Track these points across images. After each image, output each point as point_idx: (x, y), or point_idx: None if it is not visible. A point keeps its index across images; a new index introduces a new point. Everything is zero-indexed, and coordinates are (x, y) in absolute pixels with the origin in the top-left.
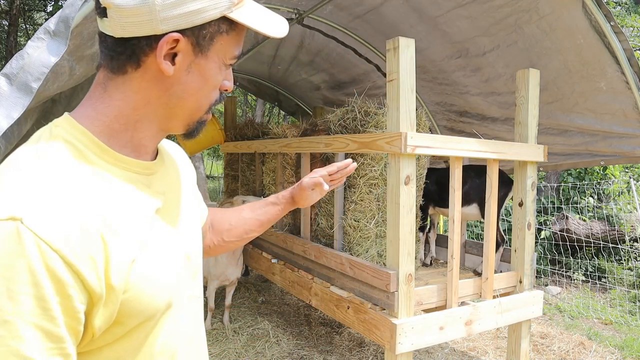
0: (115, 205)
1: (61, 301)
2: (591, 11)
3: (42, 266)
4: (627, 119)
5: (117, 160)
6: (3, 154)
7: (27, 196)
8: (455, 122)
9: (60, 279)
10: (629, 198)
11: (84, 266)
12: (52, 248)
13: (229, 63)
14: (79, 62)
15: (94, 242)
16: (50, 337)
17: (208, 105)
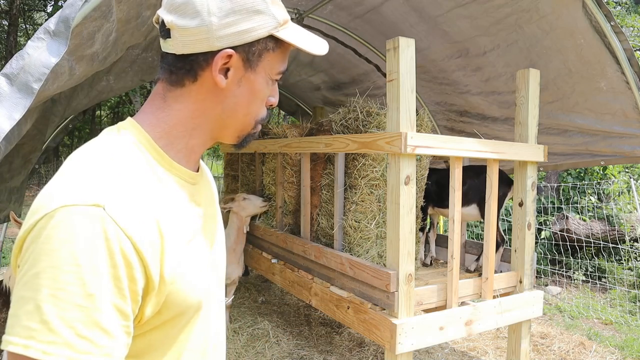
0: (169, 206)
1: (129, 283)
2: (591, 11)
3: (118, 249)
4: (627, 119)
5: (171, 166)
6: (3, 154)
7: (108, 189)
8: (456, 122)
9: (130, 262)
10: (629, 198)
11: (148, 254)
12: (126, 234)
13: (275, 78)
14: (79, 62)
15: (155, 233)
16: (122, 315)
17: (255, 119)
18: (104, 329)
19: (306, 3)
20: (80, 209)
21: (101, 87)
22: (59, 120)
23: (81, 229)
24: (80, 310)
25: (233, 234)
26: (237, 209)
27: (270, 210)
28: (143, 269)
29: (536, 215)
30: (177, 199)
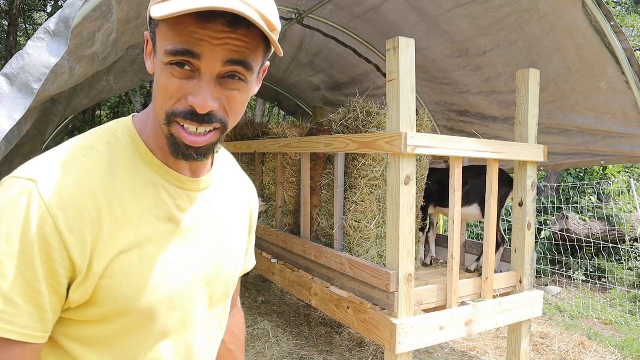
0: (127, 197)
1: (44, 259)
2: (591, 11)
3: (36, 222)
4: (627, 118)
5: (151, 161)
6: (3, 154)
7: (50, 168)
8: (456, 121)
9: (47, 240)
10: (629, 198)
11: (71, 238)
12: (50, 212)
13: (164, 60)
14: (79, 62)
15: (90, 223)
16: (28, 287)
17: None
18: (4, 295)
19: (306, 3)
20: (18, 181)
21: (101, 87)
22: (59, 120)
23: (9, 196)
24: None
25: None
26: None
27: (270, 210)
28: (65, 252)
29: (536, 215)
30: (143, 193)
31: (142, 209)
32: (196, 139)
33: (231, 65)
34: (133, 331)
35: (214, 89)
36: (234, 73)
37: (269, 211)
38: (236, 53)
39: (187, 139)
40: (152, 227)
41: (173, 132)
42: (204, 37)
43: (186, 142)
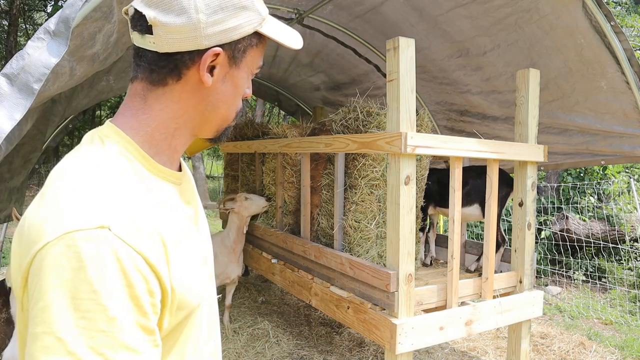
0: (164, 213)
1: (149, 299)
2: (591, 11)
3: (132, 267)
4: (627, 118)
5: (159, 170)
6: (4, 154)
7: (108, 208)
8: (456, 121)
9: (146, 278)
10: (629, 198)
11: (160, 266)
12: (137, 251)
13: (255, 72)
14: (80, 63)
15: (159, 244)
16: (146, 330)
17: (235, 112)
18: (131, 349)
19: (306, 3)
20: (85, 234)
21: (101, 87)
22: (59, 120)
23: (90, 254)
24: (106, 336)
25: (233, 233)
26: (239, 209)
27: (270, 210)
28: (158, 282)
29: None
30: (168, 204)
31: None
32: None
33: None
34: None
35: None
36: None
37: (269, 211)
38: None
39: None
40: (181, 231)
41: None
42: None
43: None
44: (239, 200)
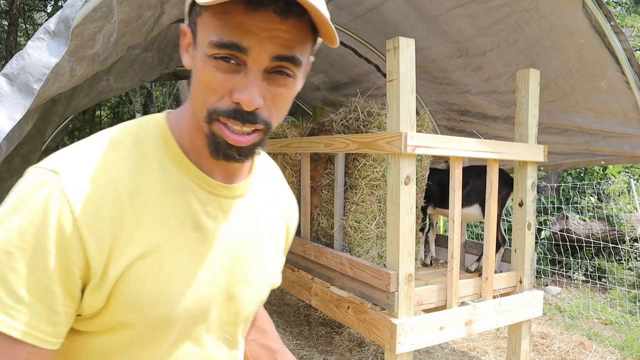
0: (152, 198)
1: (60, 256)
2: (591, 11)
3: (55, 219)
4: (627, 118)
5: (181, 162)
6: (4, 154)
7: (75, 160)
8: (456, 121)
9: (65, 237)
10: (629, 198)
11: (90, 237)
12: (70, 207)
13: (207, 52)
14: (80, 63)
15: (111, 222)
16: (40, 284)
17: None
18: (11, 289)
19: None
20: (40, 171)
21: (101, 87)
22: (59, 120)
23: (29, 186)
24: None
25: None
26: None
27: None
28: (81, 251)
29: (536, 215)
30: (170, 196)
31: (166, 213)
32: (240, 138)
33: (279, 60)
34: (145, 343)
35: (261, 84)
36: (281, 69)
37: None
38: (285, 48)
39: (231, 137)
40: (176, 233)
41: (215, 130)
42: (251, 28)
43: (229, 141)
44: None
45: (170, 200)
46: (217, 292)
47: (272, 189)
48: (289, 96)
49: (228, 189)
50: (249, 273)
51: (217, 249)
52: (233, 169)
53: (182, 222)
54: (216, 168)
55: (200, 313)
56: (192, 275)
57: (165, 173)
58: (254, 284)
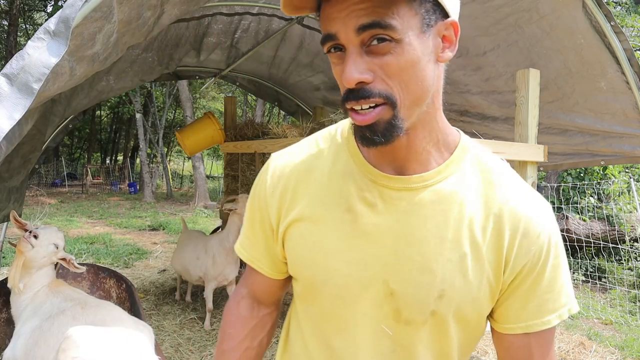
0: (320, 179)
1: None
2: (591, 11)
3: (260, 182)
4: (627, 118)
5: (354, 153)
6: (4, 154)
7: (285, 150)
8: (456, 121)
9: (260, 195)
10: (629, 198)
11: (270, 198)
12: (267, 177)
13: (325, 52)
14: (80, 63)
15: (284, 191)
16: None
17: (343, 105)
18: (244, 227)
19: None
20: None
21: (101, 87)
22: (59, 120)
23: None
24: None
25: (233, 234)
26: (241, 210)
27: None
28: (266, 207)
29: None
30: (336, 182)
31: (327, 192)
32: (362, 117)
33: (364, 30)
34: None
35: (361, 60)
36: (377, 37)
37: None
38: (365, 17)
39: (356, 118)
40: (328, 210)
41: (350, 118)
42: (334, 14)
43: (357, 123)
44: (240, 201)
45: (332, 182)
46: (371, 281)
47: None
48: (401, 62)
49: (392, 179)
50: (412, 274)
51: (370, 235)
52: (400, 159)
53: (336, 202)
54: (383, 159)
55: (346, 292)
56: (335, 251)
57: (337, 160)
58: (419, 288)
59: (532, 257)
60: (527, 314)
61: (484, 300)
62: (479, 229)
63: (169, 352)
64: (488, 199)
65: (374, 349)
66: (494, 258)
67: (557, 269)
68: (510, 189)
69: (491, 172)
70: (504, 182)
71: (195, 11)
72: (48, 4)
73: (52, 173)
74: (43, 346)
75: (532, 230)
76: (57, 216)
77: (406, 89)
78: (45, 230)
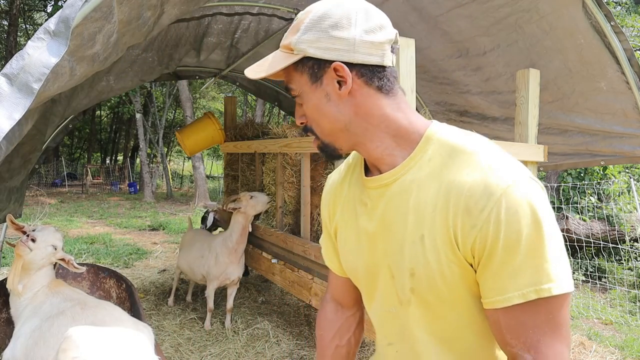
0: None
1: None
2: (591, 11)
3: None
4: (627, 118)
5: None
6: (4, 154)
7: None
8: (456, 121)
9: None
10: (629, 198)
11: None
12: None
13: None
14: (80, 63)
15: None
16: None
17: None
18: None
19: (306, 3)
20: None
21: (101, 87)
22: (59, 120)
23: None
24: None
25: (236, 234)
26: (245, 209)
27: (270, 210)
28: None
29: None
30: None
31: (346, 200)
32: (313, 144)
33: (289, 91)
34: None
35: (299, 108)
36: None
37: (269, 211)
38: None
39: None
40: (347, 215)
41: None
42: None
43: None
44: (244, 200)
45: (349, 191)
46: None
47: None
48: (308, 108)
49: (371, 180)
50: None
51: (368, 231)
52: (374, 164)
53: (351, 208)
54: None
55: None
56: (353, 247)
57: (354, 172)
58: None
59: (479, 233)
60: (492, 290)
61: (455, 277)
62: (431, 210)
63: (169, 352)
64: (441, 179)
65: (390, 329)
66: (445, 236)
67: (515, 245)
68: (464, 165)
69: (453, 152)
70: (461, 160)
71: (195, 11)
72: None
73: (52, 173)
74: (43, 346)
75: (473, 206)
76: (57, 216)
77: (318, 125)
78: (43, 232)
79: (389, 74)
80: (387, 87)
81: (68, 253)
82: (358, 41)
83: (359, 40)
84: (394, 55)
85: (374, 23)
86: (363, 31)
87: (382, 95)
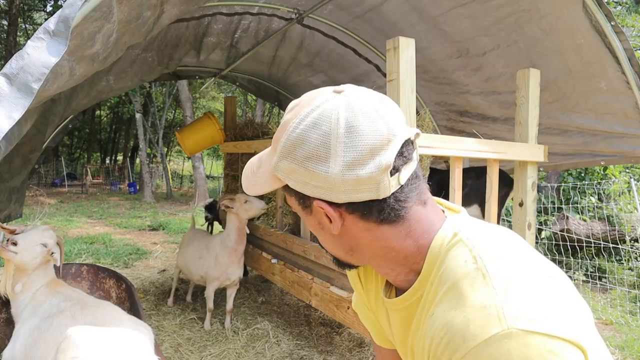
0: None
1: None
2: (592, 11)
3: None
4: (627, 118)
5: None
6: (3, 154)
7: None
8: (456, 122)
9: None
10: (629, 198)
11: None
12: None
13: None
14: (79, 63)
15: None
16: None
17: None
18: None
19: (306, 3)
20: None
21: (101, 87)
22: (58, 120)
23: None
24: None
25: (233, 234)
26: (237, 211)
27: (270, 210)
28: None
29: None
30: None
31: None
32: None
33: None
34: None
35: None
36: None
37: (269, 211)
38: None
39: None
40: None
41: None
42: None
43: None
44: (238, 202)
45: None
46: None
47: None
48: (309, 226)
49: (387, 302)
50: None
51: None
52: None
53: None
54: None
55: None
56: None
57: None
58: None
59: None
60: None
61: None
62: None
63: (168, 352)
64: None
65: None
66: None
67: None
68: (443, 307)
69: (444, 286)
70: (446, 298)
71: (195, 11)
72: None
73: (52, 173)
74: (42, 346)
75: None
76: (57, 216)
77: (322, 243)
78: (28, 233)
79: (393, 201)
80: (390, 217)
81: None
82: (338, 181)
83: (338, 180)
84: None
85: (360, 150)
86: (344, 166)
87: (385, 227)
